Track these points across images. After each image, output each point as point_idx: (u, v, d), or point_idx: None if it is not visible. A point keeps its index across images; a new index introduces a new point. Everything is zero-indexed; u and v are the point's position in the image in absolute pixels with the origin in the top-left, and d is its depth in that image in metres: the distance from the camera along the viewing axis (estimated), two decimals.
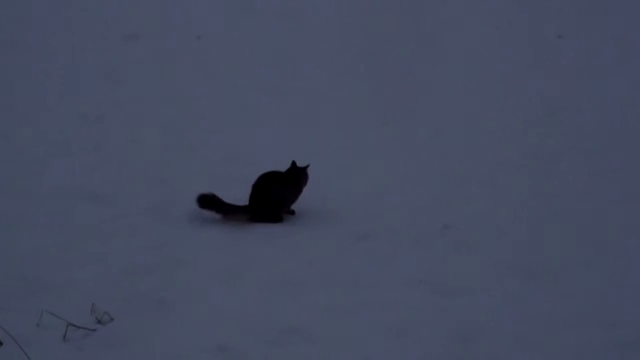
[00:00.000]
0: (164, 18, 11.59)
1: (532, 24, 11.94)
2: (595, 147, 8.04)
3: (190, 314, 5.11)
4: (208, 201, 6.33)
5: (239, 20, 11.60)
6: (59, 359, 4.62)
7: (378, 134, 8.17)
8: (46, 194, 6.67)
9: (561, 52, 10.91)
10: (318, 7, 12.22)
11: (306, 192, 6.56)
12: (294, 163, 6.54)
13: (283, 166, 6.56)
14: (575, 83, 9.82)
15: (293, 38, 11.01)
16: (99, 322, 4.94)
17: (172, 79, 9.52)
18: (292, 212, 6.53)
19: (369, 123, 8.39)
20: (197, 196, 6.32)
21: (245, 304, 5.25)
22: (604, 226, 6.48)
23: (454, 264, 5.85)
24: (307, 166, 6.55)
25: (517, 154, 7.86)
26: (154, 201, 6.64)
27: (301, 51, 10.58)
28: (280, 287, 5.46)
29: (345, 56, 10.45)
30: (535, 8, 12.44)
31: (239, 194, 6.48)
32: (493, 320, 5.13)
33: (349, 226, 6.32)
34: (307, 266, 5.74)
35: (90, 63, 9.90)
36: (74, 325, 4.83)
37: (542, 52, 10.91)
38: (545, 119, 8.78)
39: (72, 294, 5.21)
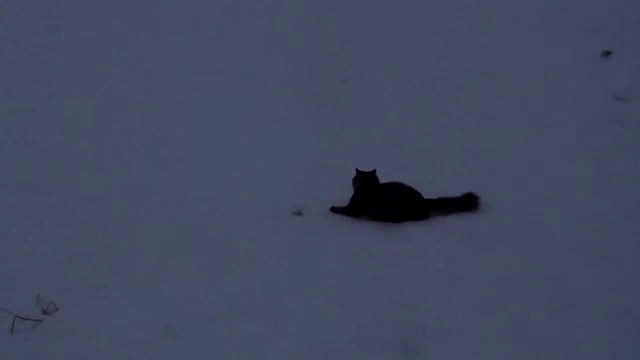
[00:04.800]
0: (85, 6, 11.48)
1: None
2: (525, 104, 8.22)
3: (133, 297, 5.10)
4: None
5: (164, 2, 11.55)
6: (7, 351, 4.60)
7: (310, 105, 8.23)
8: None
9: (489, 15, 11.03)
10: None
11: (238, 172, 6.70)
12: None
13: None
14: (503, 45, 9.97)
15: (229, 17, 10.97)
16: (45, 312, 4.93)
17: (99, 67, 9.47)
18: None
19: (301, 93, 8.44)
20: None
21: (187, 284, 5.24)
22: (541, 180, 6.63)
23: (394, 231, 5.92)
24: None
25: (450, 117, 7.99)
26: (88, 189, 6.63)
27: (239, 31, 10.54)
28: (222, 265, 5.46)
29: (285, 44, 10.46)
30: None
31: (175, 176, 6.52)
32: (436, 284, 5.19)
33: (286, 202, 6.37)
34: (247, 243, 5.78)
35: (15, 55, 9.80)
36: (20, 317, 4.82)
37: (471, 15, 11.03)
38: (476, 80, 8.93)
39: (16, 285, 5.19)
